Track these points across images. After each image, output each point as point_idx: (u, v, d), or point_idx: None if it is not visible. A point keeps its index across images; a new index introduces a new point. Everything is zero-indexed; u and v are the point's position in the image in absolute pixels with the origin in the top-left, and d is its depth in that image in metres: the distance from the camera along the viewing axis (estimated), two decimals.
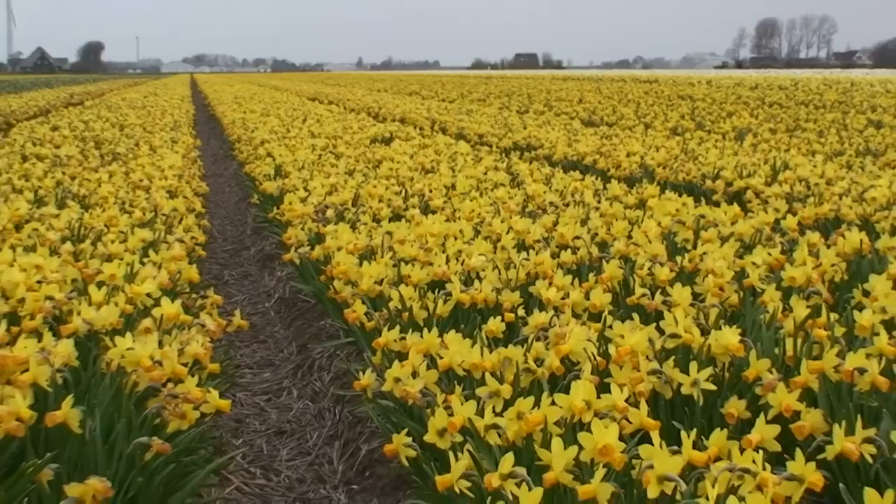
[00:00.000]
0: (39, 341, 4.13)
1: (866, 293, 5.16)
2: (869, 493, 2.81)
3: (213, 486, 4.50)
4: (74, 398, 3.65)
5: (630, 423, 3.52)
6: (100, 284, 5.31)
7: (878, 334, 4.26)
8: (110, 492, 3.18)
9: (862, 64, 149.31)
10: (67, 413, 3.57)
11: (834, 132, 18.07)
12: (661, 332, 4.38)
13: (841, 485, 3.43)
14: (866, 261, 6.50)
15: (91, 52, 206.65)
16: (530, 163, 12.80)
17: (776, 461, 3.16)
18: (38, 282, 5.34)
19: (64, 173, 11.24)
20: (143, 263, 6.10)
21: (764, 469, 2.96)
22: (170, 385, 4.02)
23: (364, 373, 4.48)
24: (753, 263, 5.87)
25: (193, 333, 4.69)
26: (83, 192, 9.62)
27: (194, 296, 5.93)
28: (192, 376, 4.14)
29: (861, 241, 6.59)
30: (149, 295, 5.25)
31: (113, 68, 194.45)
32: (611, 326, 4.46)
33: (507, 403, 3.71)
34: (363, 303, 5.55)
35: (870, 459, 3.38)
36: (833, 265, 5.99)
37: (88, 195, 9.41)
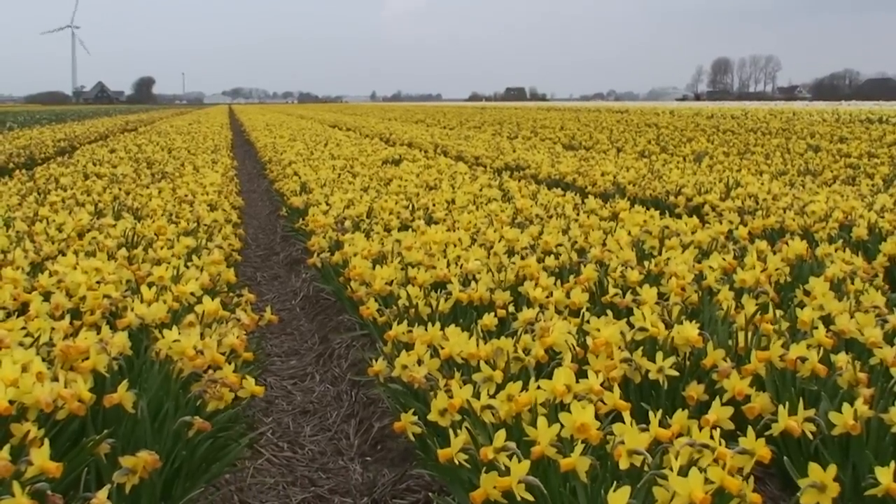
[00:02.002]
0: (98, 333, 4.13)
1: (807, 293, 5.15)
2: (813, 467, 2.80)
3: (247, 458, 4.49)
4: (128, 383, 3.64)
5: (605, 404, 3.51)
6: (150, 285, 5.30)
7: (816, 328, 4.27)
8: (158, 463, 3.17)
9: (802, 97, 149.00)
10: (122, 395, 3.56)
11: (778, 155, 18.10)
12: (631, 326, 4.37)
13: (785, 458, 3.43)
14: (807, 265, 6.48)
15: (144, 85, 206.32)
16: (519, 181, 12.79)
17: (730, 437, 3.14)
18: (98, 282, 5.34)
19: (120, 189, 11.24)
20: (187, 267, 6.09)
21: (720, 444, 2.96)
22: (210, 371, 4.01)
23: (376, 360, 4.47)
24: (710, 267, 5.86)
25: (230, 327, 4.68)
26: (136, 205, 9.61)
27: (231, 294, 5.91)
28: (230, 364, 4.13)
29: (803, 248, 6.59)
30: (192, 294, 5.25)
31: (162, 100, 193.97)
32: (588, 321, 4.47)
33: (499, 387, 3.69)
34: (376, 301, 5.55)
35: (810, 436, 3.37)
36: (778, 269, 5.98)
37: (141, 208, 9.40)
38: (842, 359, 3.94)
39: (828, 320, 4.58)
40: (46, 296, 5.06)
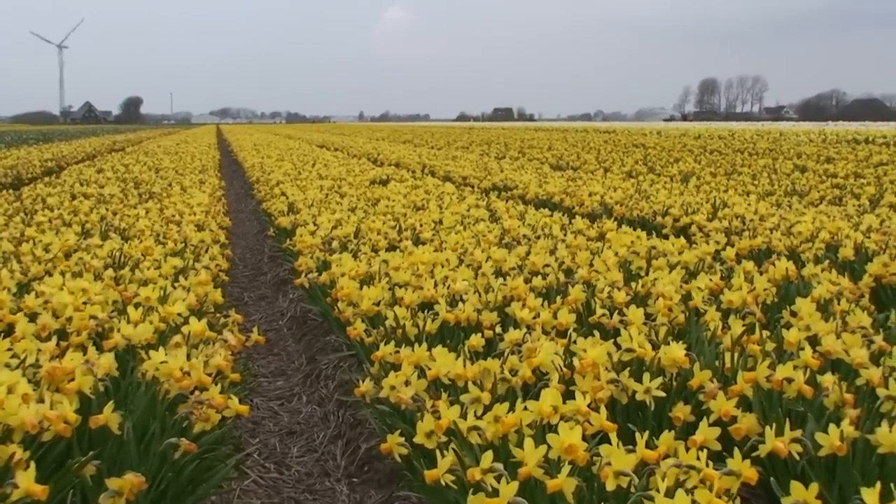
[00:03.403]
0: (84, 354, 4.12)
1: (793, 314, 5.16)
2: (795, 486, 2.81)
3: (233, 479, 4.48)
4: (114, 404, 3.63)
5: (591, 425, 3.51)
6: (137, 305, 5.31)
7: (803, 349, 4.27)
8: (144, 485, 3.16)
9: (789, 117, 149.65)
10: (108, 417, 3.55)
11: (765, 175, 18.13)
12: (618, 346, 4.37)
13: (772, 479, 3.43)
14: (793, 286, 6.50)
15: (132, 105, 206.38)
16: (507, 201, 12.79)
17: (717, 459, 3.15)
18: (84, 303, 5.33)
19: (107, 209, 11.23)
20: (174, 287, 6.08)
21: (707, 465, 2.96)
22: (196, 392, 4.00)
23: (363, 381, 4.47)
24: (697, 288, 5.87)
25: (217, 347, 4.67)
26: (123, 225, 9.59)
27: (218, 315, 5.90)
28: (216, 384, 4.13)
29: (788, 268, 6.61)
30: (179, 314, 5.24)
31: (150, 120, 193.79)
32: (575, 342, 4.48)
33: (486, 408, 3.70)
34: (363, 321, 5.54)
35: (797, 457, 3.38)
36: (765, 289, 6.00)
37: (128, 228, 9.39)
38: (828, 379, 3.94)
39: (814, 341, 4.58)
40: (33, 317, 5.05)
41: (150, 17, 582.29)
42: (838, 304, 5.61)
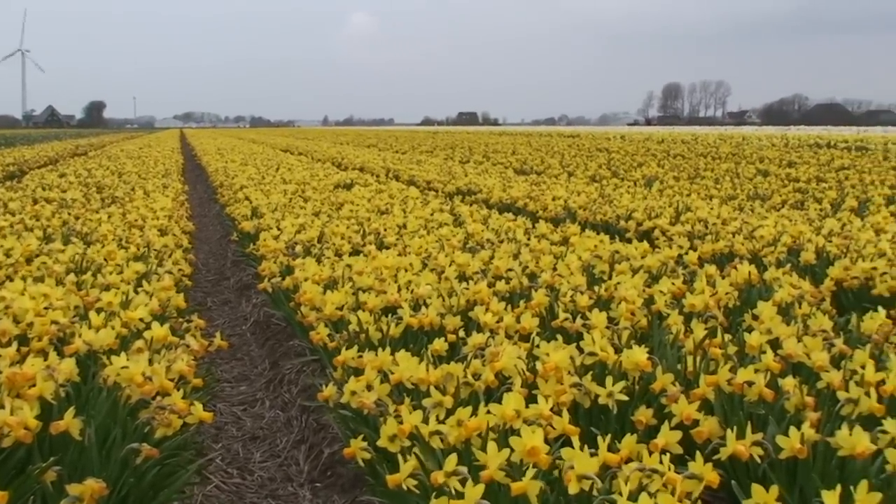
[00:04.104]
0: (45, 360, 4.10)
1: (755, 317, 5.20)
2: (756, 489, 2.82)
3: (196, 485, 4.46)
4: (75, 409, 3.61)
5: (554, 429, 3.52)
6: (99, 310, 5.27)
7: (764, 352, 4.30)
8: (105, 491, 3.15)
9: (752, 122, 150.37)
10: (69, 422, 3.53)
11: (728, 180, 18.26)
12: (581, 350, 4.39)
13: (733, 482, 3.45)
14: (755, 289, 6.53)
15: (95, 109, 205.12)
16: (470, 205, 12.83)
17: (679, 462, 3.16)
18: (46, 308, 5.30)
19: (69, 214, 11.18)
20: (136, 292, 6.07)
21: (669, 469, 2.97)
22: (158, 397, 3.99)
23: (326, 386, 4.46)
24: (660, 292, 5.89)
25: (180, 353, 4.66)
26: (86, 230, 9.56)
27: (181, 320, 5.88)
28: (179, 390, 4.11)
29: (751, 272, 6.65)
30: (141, 319, 5.22)
31: (113, 124, 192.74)
32: (538, 346, 4.48)
33: (449, 412, 3.70)
34: (326, 326, 5.54)
35: (758, 460, 3.40)
36: (727, 293, 6.03)
37: (90, 233, 9.36)
38: (789, 383, 3.97)
39: (776, 344, 4.61)
40: None
41: (114, 21, 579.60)
42: (800, 307, 5.64)
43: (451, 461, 3.11)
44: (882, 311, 5.10)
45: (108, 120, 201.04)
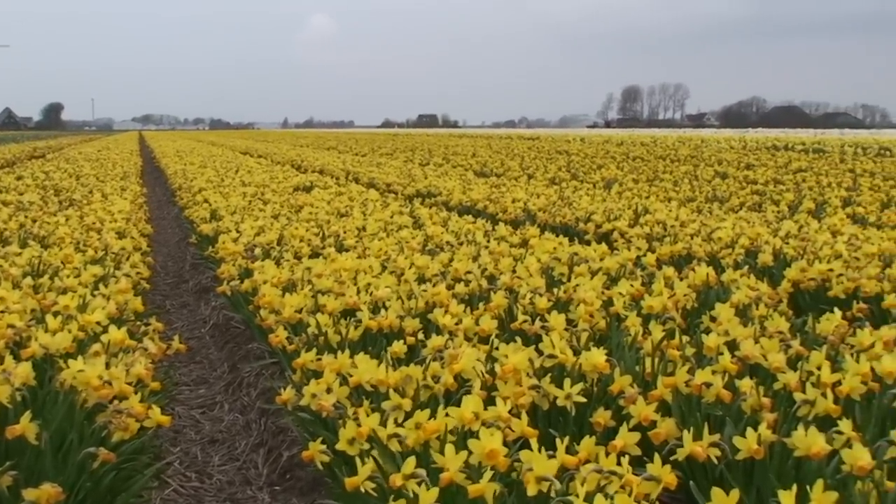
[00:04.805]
0: (1, 364, 4.07)
1: (713, 319, 5.22)
2: (716, 492, 2.83)
3: (154, 489, 4.44)
4: (32, 413, 3.59)
5: (513, 431, 3.52)
6: (56, 314, 5.24)
7: (722, 354, 4.32)
8: (61, 496, 3.13)
9: (710, 124, 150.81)
10: (25, 427, 3.51)
11: (687, 182, 18.36)
12: (539, 352, 4.39)
13: (691, 483, 3.47)
14: (713, 291, 6.57)
15: (53, 111, 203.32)
16: (430, 208, 12.83)
17: (637, 463, 3.17)
18: (2, 311, 5.27)
19: (26, 217, 11.10)
20: (94, 295, 6.03)
21: (627, 471, 2.98)
22: (116, 401, 3.97)
23: (285, 389, 4.45)
24: (619, 293, 5.91)
25: (137, 356, 4.63)
26: (43, 233, 9.51)
27: (139, 323, 5.85)
28: (136, 393, 4.09)
29: (708, 274, 6.68)
30: (98, 323, 5.19)
31: (71, 126, 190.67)
32: (497, 348, 4.48)
33: (408, 415, 3.70)
34: (285, 328, 5.53)
35: (716, 461, 3.42)
36: (685, 295, 6.06)
37: (47, 236, 9.30)
38: (746, 384, 3.99)
39: (733, 346, 4.63)
40: None
41: (72, 22, 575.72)
42: (757, 309, 5.68)
43: (410, 464, 3.12)
44: (838, 313, 5.14)
45: (67, 122, 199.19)
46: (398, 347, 4.79)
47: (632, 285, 6.16)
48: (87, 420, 3.93)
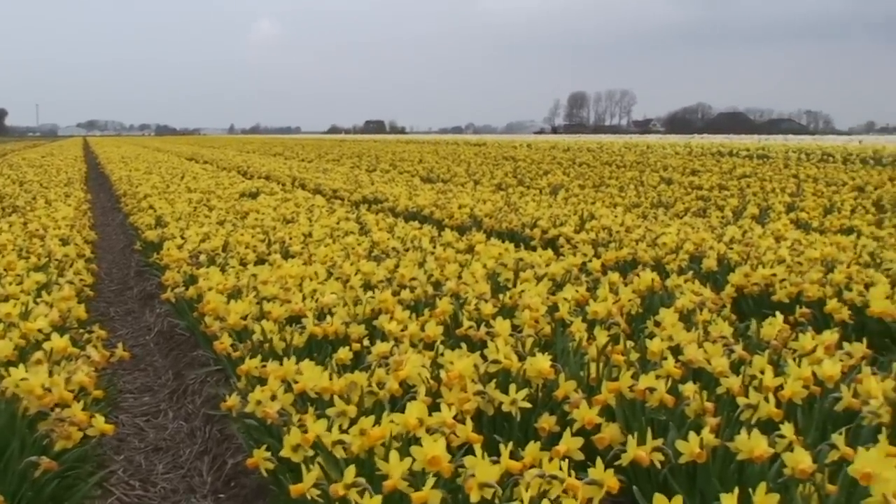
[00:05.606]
0: None
1: (657, 324, 5.25)
2: (658, 498, 2.85)
3: (97, 498, 4.41)
4: None
5: (458, 437, 3.53)
6: None
7: (666, 359, 4.34)
8: None
9: (656, 130, 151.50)
10: None
11: (632, 188, 18.48)
12: (485, 358, 4.40)
13: (635, 487, 3.48)
14: (658, 296, 6.61)
15: None
16: (377, 214, 12.81)
17: (581, 468, 3.18)
18: None
19: None
20: (37, 303, 5.98)
21: (570, 475, 2.99)
22: (58, 409, 3.94)
23: (230, 396, 4.44)
24: (564, 299, 5.93)
25: (80, 364, 4.60)
26: None
27: (82, 331, 5.81)
28: (79, 401, 4.06)
29: (653, 279, 6.72)
30: (41, 331, 5.15)
31: (15, 132, 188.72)
32: (442, 354, 4.49)
33: (353, 421, 3.69)
34: (230, 335, 5.51)
35: (659, 465, 3.43)
36: (630, 300, 6.09)
37: None
38: (689, 388, 4.01)
39: (677, 350, 4.66)
40: None
41: (15, 26, 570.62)
42: (701, 314, 5.72)
43: (350, 472, 3.12)
44: (780, 317, 5.19)
45: (10, 128, 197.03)
46: (343, 354, 4.78)
47: (577, 291, 6.19)
48: (29, 429, 3.90)
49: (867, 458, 2.96)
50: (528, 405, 4.03)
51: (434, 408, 3.71)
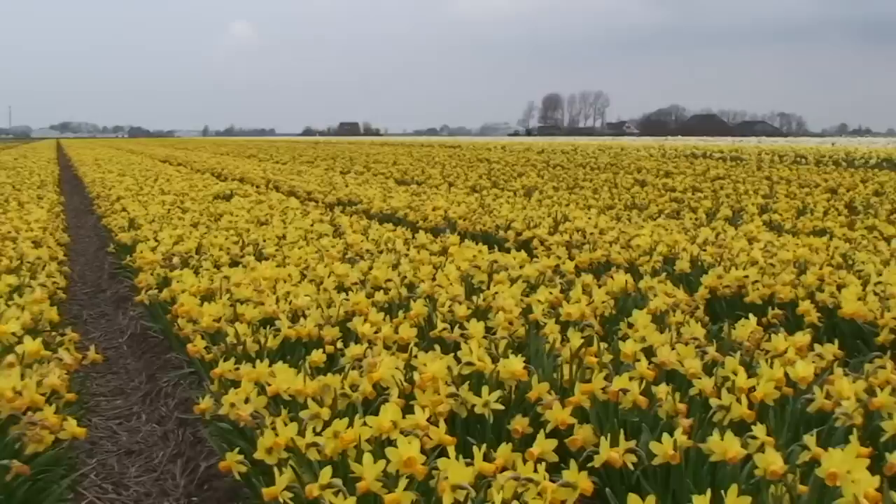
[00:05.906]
0: None
1: (630, 326, 5.26)
2: (632, 498, 2.85)
3: (69, 501, 4.39)
4: None
5: (431, 439, 3.53)
6: None
7: (639, 360, 4.35)
8: None
9: (630, 132, 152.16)
10: None
11: (606, 189, 18.49)
12: (458, 360, 4.40)
13: (608, 489, 3.49)
14: (631, 298, 6.63)
15: None
16: (351, 216, 12.79)
17: (554, 470, 3.19)
18: None
19: None
20: (8, 305, 5.96)
21: (544, 477, 2.99)
22: (29, 413, 3.92)
23: (203, 399, 4.42)
24: (538, 301, 5.94)
25: (52, 366, 4.58)
26: None
27: (55, 333, 5.78)
28: (51, 404, 4.04)
29: (627, 281, 6.74)
30: (13, 334, 5.13)
31: None
32: (416, 356, 4.49)
33: (327, 424, 3.69)
34: (203, 338, 5.49)
35: (632, 467, 3.44)
36: (603, 302, 6.10)
37: None
38: (662, 390, 4.03)
39: (650, 352, 4.67)
40: None
41: None
42: (674, 315, 5.74)
43: (326, 474, 3.11)
44: (753, 319, 5.21)
45: None
46: (317, 356, 4.77)
47: (551, 293, 6.19)
48: (1, 432, 3.88)
49: (834, 459, 2.98)
50: (502, 407, 4.04)
51: (408, 410, 3.72)
